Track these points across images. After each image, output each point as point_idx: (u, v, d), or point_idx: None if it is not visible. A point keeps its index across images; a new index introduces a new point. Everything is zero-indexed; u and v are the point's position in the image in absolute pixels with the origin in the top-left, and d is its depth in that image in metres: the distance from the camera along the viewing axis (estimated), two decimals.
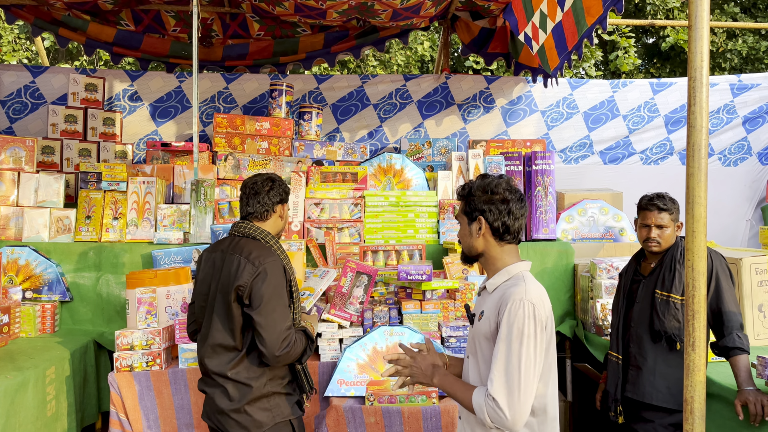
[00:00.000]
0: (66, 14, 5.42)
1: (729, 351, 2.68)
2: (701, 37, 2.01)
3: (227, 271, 2.54)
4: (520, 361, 1.83)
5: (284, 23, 5.63)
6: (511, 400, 1.82)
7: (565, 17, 3.61)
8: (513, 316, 1.87)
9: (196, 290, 2.70)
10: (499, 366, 1.85)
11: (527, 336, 1.85)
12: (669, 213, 2.92)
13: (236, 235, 2.67)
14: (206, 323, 2.61)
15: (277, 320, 2.47)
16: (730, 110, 5.68)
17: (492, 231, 2.03)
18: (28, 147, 4.34)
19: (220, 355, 2.55)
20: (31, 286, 3.90)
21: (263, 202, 2.69)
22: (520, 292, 1.90)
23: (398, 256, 4.10)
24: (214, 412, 2.58)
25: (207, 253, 2.71)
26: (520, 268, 2.04)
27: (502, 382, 1.83)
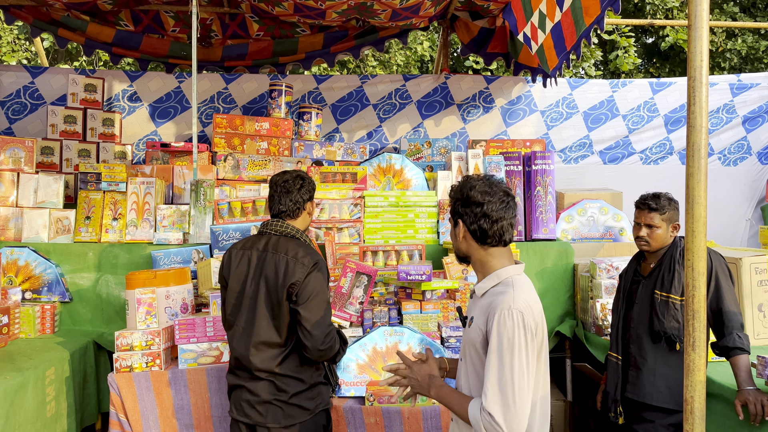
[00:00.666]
0: (65, 15, 5.42)
1: (729, 351, 2.68)
2: (701, 36, 2.01)
3: (272, 269, 2.59)
4: (513, 372, 1.80)
5: (283, 23, 5.63)
6: (506, 413, 1.78)
7: (564, 17, 3.61)
8: (502, 326, 1.83)
9: (230, 289, 2.68)
10: (492, 379, 1.82)
11: (518, 346, 1.81)
12: (659, 213, 2.93)
13: (272, 234, 2.70)
14: (246, 320, 2.62)
15: (323, 316, 2.59)
16: (729, 110, 5.68)
17: (471, 235, 2.00)
18: (28, 147, 4.34)
19: (264, 352, 2.59)
20: (31, 287, 3.90)
21: (295, 200, 2.74)
22: (508, 301, 1.86)
23: (398, 256, 4.10)
24: (256, 403, 2.59)
25: (237, 250, 2.71)
26: (510, 272, 1.98)
27: (497, 396, 1.80)
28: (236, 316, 2.66)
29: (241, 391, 2.64)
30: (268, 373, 2.59)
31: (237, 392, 2.67)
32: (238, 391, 2.66)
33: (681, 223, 2.89)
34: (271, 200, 2.77)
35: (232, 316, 2.67)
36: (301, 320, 2.55)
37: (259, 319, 2.59)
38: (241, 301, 2.64)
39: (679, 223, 2.96)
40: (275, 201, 2.75)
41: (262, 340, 2.59)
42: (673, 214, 2.96)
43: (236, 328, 2.65)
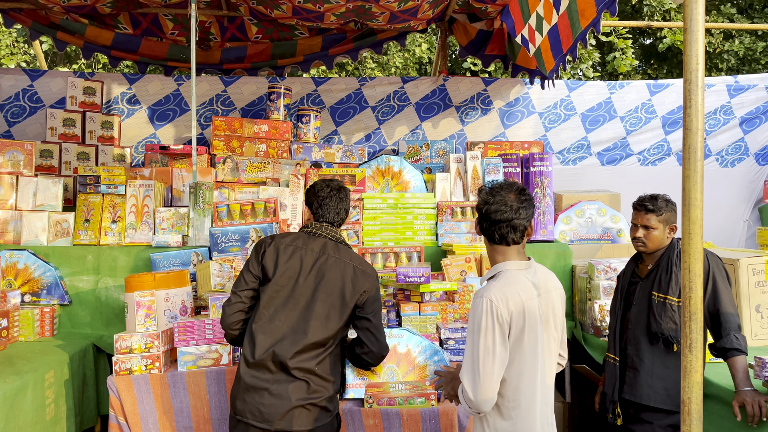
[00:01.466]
0: (64, 18, 5.42)
1: (727, 352, 2.68)
2: (696, 39, 2.02)
3: (338, 275, 2.64)
4: (478, 351, 2.08)
5: (282, 26, 5.64)
6: (474, 384, 2.08)
7: (561, 19, 3.62)
8: (473, 311, 2.14)
9: (276, 283, 2.62)
10: (466, 355, 2.14)
11: (484, 329, 2.08)
12: (656, 215, 2.95)
13: (328, 238, 2.73)
14: (297, 319, 2.59)
15: (381, 323, 2.76)
16: (727, 111, 5.70)
17: (482, 234, 2.28)
18: (27, 151, 4.34)
19: (310, 352, 2.57)
20: (30, 290, 3.90)
21: (346, 209, 2.83)
22: (484, 289, 2.14)
23: (396, 258, 4.10)
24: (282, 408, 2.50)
25: (286, 245, 2.67)
26: (507, 267, 2.22)
27: (468, 369, 2.11)
28: (280, 311, 2.60)
29: (263, 394, 2.53)
30: (305, 372, 2.55)
31: (255, 395, 2.54)
32: (257, 394, 2.53)
33: (678, 224, 2.90)
34: (323, 206, 2.78)
35: (271, 309, 2.60)
36: (370, 327, 2.69)
37: (314, 319, 2.58)
38: (290, 298, 2.61)
39: (675, 224, 2.97)
40: (331, 208, 2.78)
41: (313, 341, 2.57)
42: (670, 215, 2.97)
43: (276, 323, 2.58)
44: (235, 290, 2.68)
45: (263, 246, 2.69)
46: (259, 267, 2.67)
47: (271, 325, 2.59)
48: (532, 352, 2.16)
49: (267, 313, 2.61)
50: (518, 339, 2.13)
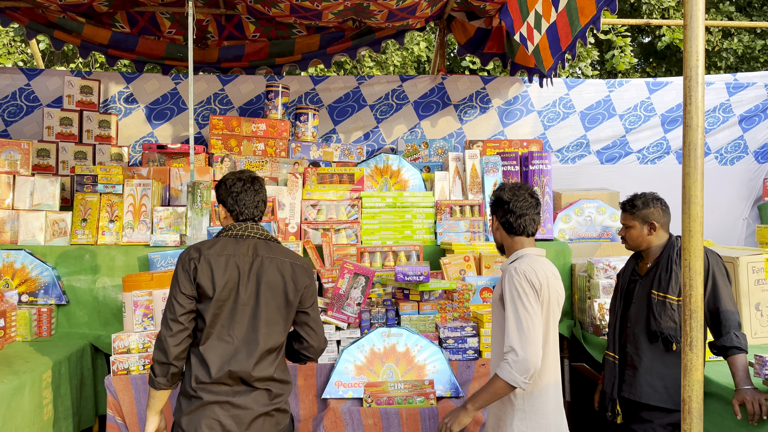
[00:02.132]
0: (61, 17, 5.40)
1: (727, 350, 2.68)
2: (696, 36, 2.01)
3: (277, 274, 2.47)
4: (519, 312, 2.35)
5: (280, 24, 5.62)
6: (523, 344, 2.31)
7: (559, 17, 3.61)
8: (509, 281, 2.41)
9: (217, 299, 2.42)
10: (510, 322, 2.36)
11: (522, 293, 2.37)
12: (630, 214, 3.03)
13: (256, 237, 2.54)
14: (246, 330, 2.44)
15: (320, 316, 2.69)
16: (726, 109, 5.69)
17: (502, 227, 2.60)
18: (24, 150, 4.32)
19: (266, 360, 2.45)
20: (27, 290, 3.89)
21: (263, 201, 2.64)
22: (515, 265, 2.45)
23: (395, 257, 4.09)
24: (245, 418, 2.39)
25: (216, 256, 2.45)
26: (526, 252, 2.53)
27: (514, 332, 2.34)
28: (227, 327, 2.43)
29: (223, 406, 2.39)
30: (266, 381, 2.44)
31: (210, 410, 2.38)
32: (218, 407, 2.39)
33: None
34: (238, 202, 2.57)
35: (217, 327, 2.42)
36: (309, 322, 2.58)
37: (263, 327, 2.43)
38: (234, 311, 2.43)
39: (655, 221, 2.96)
40: (245, 203, 2.56)
41: (268, 348, 2.44)
42: (649, 213, 2.96)
43: (226, 339, 2.42)
44: (173, 318, 2.39)
45: (192, 263, 2.44)
46: (193, 287, 2.43)
47: (221, 342, 2.42)
48: (553, 325, 2.48)
49: (213, 331, 2.42)
50: (545, 308, 2.42)
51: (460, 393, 3.30)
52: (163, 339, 2.39)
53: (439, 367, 3.33)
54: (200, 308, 2.43)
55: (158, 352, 2.40)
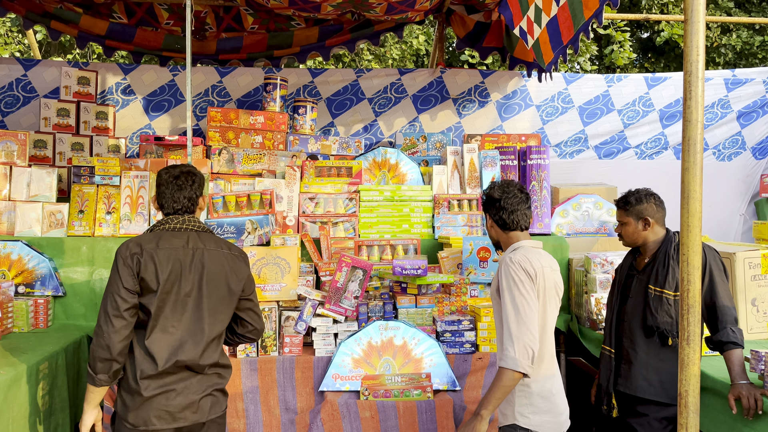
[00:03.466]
0: (58, 7, 5.37)
1: (723, 345, 2.69)
2: (697, 31, 2.00)
3: (216, 265, 2.60)
4: (517, 304, 2.41)
5: (278, 16, 5.60)
6: (521, 328, 2.37)
7: (561, 11, 3.60)
8: (505, 270, 2.50)
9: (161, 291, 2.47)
10: (508, 310, 2.43)
11: (518, 281, 2.43)
12: (624, 211, 3.06)
13: (192, 230, 2.62)
14: (191, 320, 2.51)
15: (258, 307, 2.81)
16: (724, 105, 5.69)
17: (496, 224, 2.68)
18: (20, 141, 4.30)
19: (210, 346, 2.58)
20: (24, 281, 3.88)
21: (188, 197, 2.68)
22: (510, 255, 2.54)
23: (393, 250, 4.09)
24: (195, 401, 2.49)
25: (156, 251, 2.50)
26: (522, 244, 2.61)
27: (513, 319, 2.39)
28: (170, 319, 2.48)
29: (169, 396, 2.46)
30: (213, 367, 2.59)
31: (157, 401, 2.45)
32: (159, 400, 2.45)
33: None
34: (160, 195, 2.65)
35: (160, 320, 2.47)
36: (252, 307, 2.74)
37: (208, 317, 2.54)
38: (177, 303, 2.49)
39: (649, 217, 2.97)
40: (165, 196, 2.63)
41: (213, 337, 2.57)
42: (643, 209, 2.98)
43: (170, 331, 2.47)
44: (115, 314, 2.41)
45: (134, 258, 2.47)
46: (136, 281, 2.46)
47: (166, 334, 2.47)
48: (552, 313, 2.57)
49: (157, 324, 2.47)
50: (542, 296, 2.50)
51: (456, 386, 3.31)
52: (105, 335, 2.39)
53: (436, 361, 3.34)
54: (143, 302, 2.47)
55: (100, 349, 2.40)
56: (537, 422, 2.48)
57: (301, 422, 3.27)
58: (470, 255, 3.77)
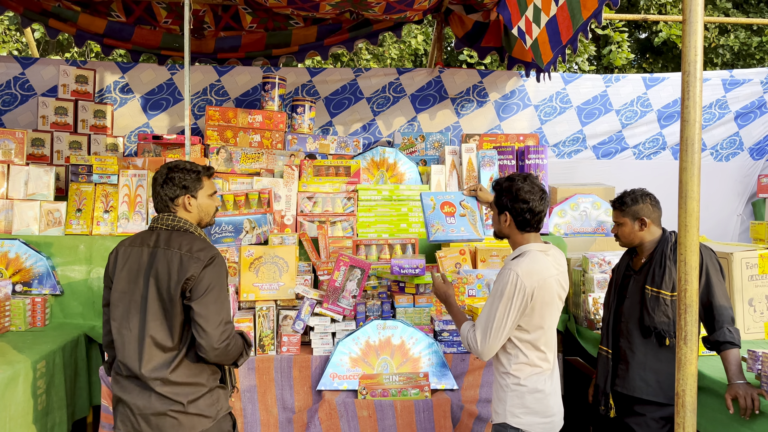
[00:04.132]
0: (56, 5, 5.36)
1: (720, 345, 2.69)
2: (695, 31, 2.01)
3: (164, 266, 2.40)
4: (495, 314, 2.42)
5: (277, 15, 5.59)
6: (483, 339, 2.44)
7: (560, 11, 3.60)
8: (501, 279, 2.46)
9: (117, 290, 2.46)
10: (483, 312, 2.48)
11: (506, 297, 2.40)
12: (620, 211, 3.06)
13: (162, 228, 2.51)
14: (137, 323, 2.41)
15: (217, 311, 2.39)
16: (722, 105, 5.70)
17: (516, 224, 2.57)
18: (18, 139, 4.30)
19: (157, 358, 2.38)
20: (21, 280, 3.87)
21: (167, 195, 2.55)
22: (513, 264, 2.46)
23: (391, 249, 4.09)
24: (148, 415, 2.38)
25: (125, 248, 2.51)
26: (530, 248, 2.53)
27: (481, 325, 2.46)
28: (124, 319, 2.44)
29: (124, 405, 2.43)
30: (161, 382, 2.37)
31: (121, 403, 2.44)
32: (122, 402, 2.44)
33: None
34: (152, 195, 2.60)
35: (118, 319, 2.45)
36: (195, 317, 2.36)
37: (150, 320, 2.39)
38: (131, 303, 2.43)
39: (645, 217, 2.97)
40: (154, 195, 2.57)
41: (154, 343, 2.38)
42: (639, 209, 2.98)
43: (125, 332, 2.43)
44: (103, 306, 2.56)
45: (110, 256, 2.55)
46: (108, 277, 2.53)
47: (120, 336, 2.44)
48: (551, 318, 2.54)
49: (116, 324, 2.45)
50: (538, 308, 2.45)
51: (454, 386, 3.31)
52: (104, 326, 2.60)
53: (434, 360, 3.34)
54: (110, 300, 2.51)
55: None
56: (528, 422, 2.46)
57: (298, 421, 3.27)
58: (433, 211, 3.39)
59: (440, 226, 3.34)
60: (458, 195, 3.26)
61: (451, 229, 3.31)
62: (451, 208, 3.38)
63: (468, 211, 3.05)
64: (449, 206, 3.38)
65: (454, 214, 3.37)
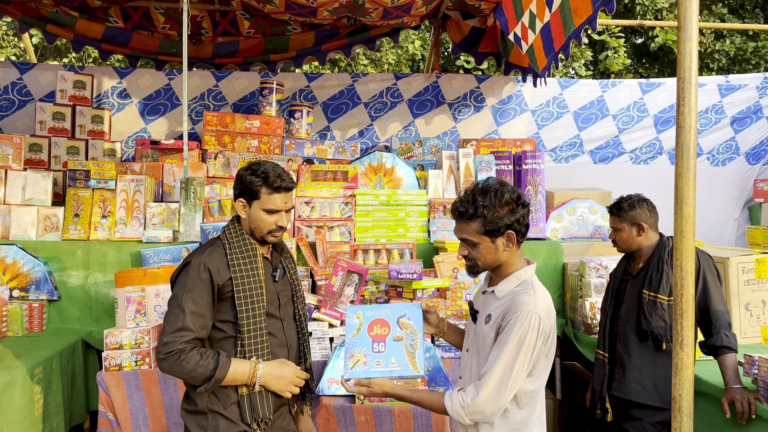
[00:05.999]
0: (54, 10, 5.37)
1: (717, 350, 2.70)
2: (690, 38, 2.02)
3: None
4: (513, 366, 1.92)
5: (275, 21, 5.61)
6: (497, 396, 1.93)
7: (553, 18, 3.62)
8: (519, 325, 1.92)
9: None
10: (496, 365, 1.93)
11: (527, 347, 1.93)
12: (618, 217, 3.04)
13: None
14: None
15: (166, 320, 2.20)
16: (718, 110, 5.73)
17: (518, 241, 2.05)
18: (16, 144, 4.30)
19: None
20: (19, 285, 3.87)
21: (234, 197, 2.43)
22: (530, 303, 1.95)
23: (389, 254, 4.10)
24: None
25: None
26: (527, 274, 2.07)
27: (494, 380, 1.93)
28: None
29: None
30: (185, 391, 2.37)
31: None
32: None
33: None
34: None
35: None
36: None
37: None
38: None
39: (643, 222, 2.98)
40: None
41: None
42: (636, 214, 2.99)
43: None
44: None
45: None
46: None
47: None
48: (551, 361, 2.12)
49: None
50: (548, 352, 2.05)
51: None
52: None
53: (431, 365, 3.34)
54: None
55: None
56: None
57: None
58: (357, 334, 2.41)
59: (361, 357, 2.32)
60: (398, 309, 2.35)
61: (377, 360, 2.30)
62: (383, 328, 2.40)
63: (407, 332, 2.30)
64: (381, 326, 2.41)
65: (385, 337, 2.37)
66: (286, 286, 2.49)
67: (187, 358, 2.15)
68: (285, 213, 2.37)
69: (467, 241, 2.06)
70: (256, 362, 2.26)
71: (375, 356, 2.29)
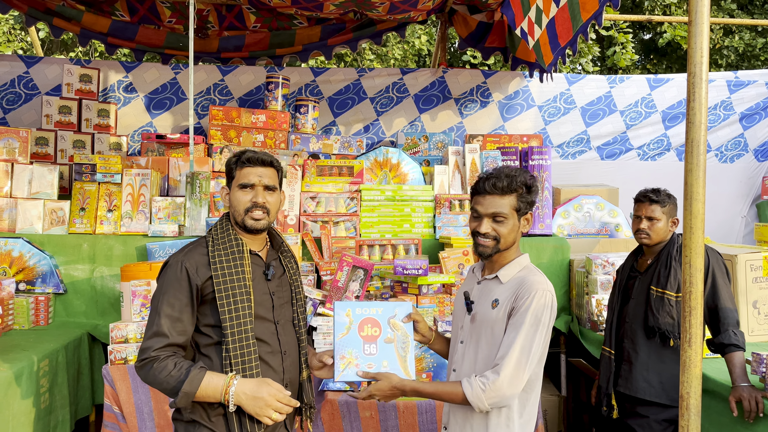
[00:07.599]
0: (60, 4, 5.36)
1: (724, 347, 2.69)
2: (701, 32, 2.00)
3: None
4: (531, 346, 1.99)
5: (281, 15, 5.59)
6: (517, 374, 1.97)
7: (560, 13, 3.59)
8: (536, 303, 2.00)
9: None
10: (514, 345, 1.98)
11: (543, 324, 2.00)
12: (660, 205, 2.94)
13: None
14: None
15: (147, 324, 2.05)
16: (726, 107, 5.68)
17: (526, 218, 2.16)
18: (22, 138, 4.30)
19: None
20: (25, 278, 3.88)
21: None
22: (543, 282, 2.05)
23: (394, 250, 4.09)
24: None
25: None
26: (527, 261, 2.18)
27: (514, 359, 1.97)
28: None
29: None
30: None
31: None
32: None
33: (679, 219, 2.89)
34: None
35: None
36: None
37: None
38: None
39: (677, 218, 2.96)
40: None
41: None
42: (672, 208, 2.98)
43: None
44: None
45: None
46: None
47: None
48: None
49: None
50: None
51: None
52: None
53: (436, 361, 3.33)
54: None
55: None
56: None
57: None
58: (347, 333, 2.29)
59: (352, 358, 2.23)
60: (388, 308, 2.27)
61: (369, 363, 2.21)
62: (374, 329, 2.28)
63: (398, 335, 2.21)
64: (372, 326, 2.29)
65: (376, 338, 2.27)
66: (283, 286, 2.27)
67: (160, 367, 1.96)
68: (264, 191, 2.17)
69: (498, 216, 2.08)
70: (232, 377, 2.01)
71: (366, 359, 2.21)
